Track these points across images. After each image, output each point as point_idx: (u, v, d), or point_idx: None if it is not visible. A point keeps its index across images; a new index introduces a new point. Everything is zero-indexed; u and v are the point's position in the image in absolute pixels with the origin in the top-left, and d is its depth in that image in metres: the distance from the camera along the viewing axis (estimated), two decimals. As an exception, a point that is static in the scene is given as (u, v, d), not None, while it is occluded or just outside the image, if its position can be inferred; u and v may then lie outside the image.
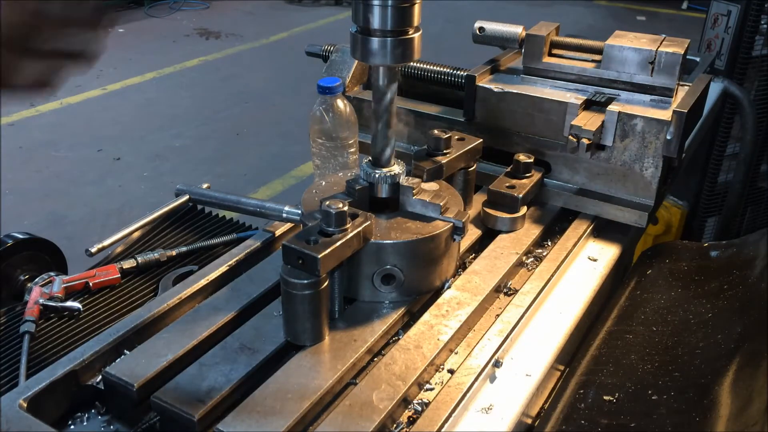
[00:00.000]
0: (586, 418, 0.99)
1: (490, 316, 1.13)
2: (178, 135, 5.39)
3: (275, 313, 1.06)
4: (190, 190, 1.61)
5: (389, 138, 1.10)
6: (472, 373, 0.98)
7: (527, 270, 1.26)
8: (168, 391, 0.92)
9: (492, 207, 1.31)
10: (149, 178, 4.77)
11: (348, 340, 1.01)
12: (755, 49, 2.64)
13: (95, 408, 0.97)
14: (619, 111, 1.30)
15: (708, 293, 1.29)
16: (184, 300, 1.13)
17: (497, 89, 1.42)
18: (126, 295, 1.50)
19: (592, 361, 1.12)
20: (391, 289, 1.08)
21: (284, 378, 0.93)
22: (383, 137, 1.10)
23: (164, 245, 1.66)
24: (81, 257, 1.56)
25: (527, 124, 1.42)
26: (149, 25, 8.14)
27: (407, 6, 0.97)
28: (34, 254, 1.60)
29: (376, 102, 1.08)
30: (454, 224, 1.09)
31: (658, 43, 1.36)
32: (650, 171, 1.32)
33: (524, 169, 1.35)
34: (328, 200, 0.99)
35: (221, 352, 0.98)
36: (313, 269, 0.93)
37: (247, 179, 4.75)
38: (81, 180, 4.68)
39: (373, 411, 0.89)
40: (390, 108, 1.07)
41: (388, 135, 1.10)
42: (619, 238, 1.39)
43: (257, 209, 1.18)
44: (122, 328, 1.04)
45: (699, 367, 1.09)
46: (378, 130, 1.09)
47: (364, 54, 1.01)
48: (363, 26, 0.99)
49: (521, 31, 1.48)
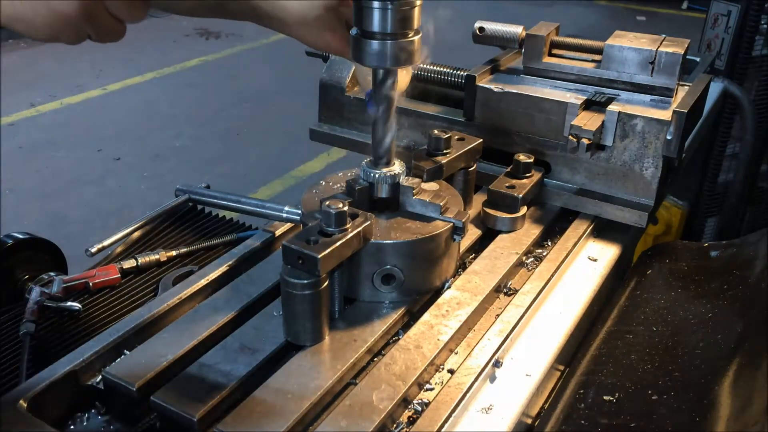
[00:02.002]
0: (586, 418, 0.99)
1: (490, 316, 1.13)
2: (178, 135, 5.39)
3: (275, 313, 1.06)
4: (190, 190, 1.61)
5: (389, 138, 1.10)
6: (472, 373, 0.98)
7: (527, 270, 1.26)
8: (168, 391, 0.92)
9: (492, 207, 1.31)
10: (149, 178, 4.77)
11: (348, 340, 1.01)
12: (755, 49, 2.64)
13: (95, 408, 0.97)
14: (619, 111, 1.30)
15: (708, 293, 1.29)
16: (184, 300, 1.13)
17: (497, 89, 1.43)
18: (126, 295, 1.50)
19: (592, 361, 1.12)
20: (391, 289, 1.08)
21: (284, 378, 0.93)
22: (383, 137, 1.10)
23: (164, 245, 1.66)
24: (81, 257, 1.56)
25: (527, 124, 1.42)
26: (149, 25, 8.12)
27: (407, 9, 0.97)
28: (34, 254, 1.60)
29: (377, 102, 1.08)
30: (454, 224, 1.09)
31: (658, 43, 1.36)
32: (650, 171, 1.32)
33: (524, 169, 1.35)
34: (328, 200, 1.00)
35: (221, 352, 0.98)
36: (313, 269, 0.93)
37: (247, 179, 4.75)
38: (81, 180, 4.69)
39: (373, 411, 0.89)
40: (390, 108, 1.07)
41: (388, 135, 1.10)
42: (619, 238, 1.39)
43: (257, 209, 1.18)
44: (122, 328, 1.04)
45: (699, 367, 1.09)
46: (378, 130, 1.09)
47: (363, 57, 1.01)
48: (362, 29, 0.99)
49: (521, 31, 1.48)
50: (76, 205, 4.37)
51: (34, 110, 5.75)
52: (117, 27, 0.85)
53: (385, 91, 1.06)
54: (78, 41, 0.84)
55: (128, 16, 0.84)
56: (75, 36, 0.82)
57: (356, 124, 1.61)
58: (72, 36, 0.82)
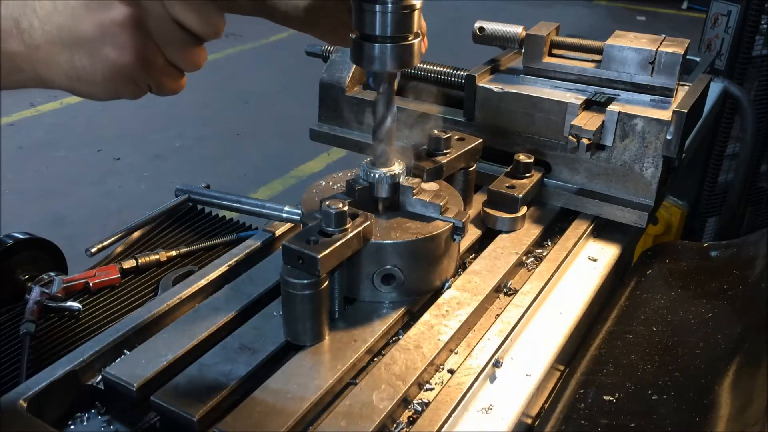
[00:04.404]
0: (586, 418, 0.99)
1: (490, 316, 1.13)
2: (178, 135, 5.39)
3: (275, 313, 1.06)
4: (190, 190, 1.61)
5: (389, 138, 1.10)
6: (472, 373, 0.98)
7: (527, 270, 1.26)
8: (168, 391, 0.92)
9: (492, 207, 1.31)
10: (149, 178, 4.77)
11: (348, 340, 1.01)
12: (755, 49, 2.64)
13: (95, 408, 0.97)
14: (619, 111, 1.30)
15: (708, 293, 1.29)
16: (184, 300, 1.13)
17: (497, 89, 1.43)
18: (126, 295, 1.50)
19: (592, 361, 1.12)
20: (391, 289, 1.08)
21: (284, 378, 0.93)
22: (383, 137, 1.10)
23: (164, 245, 1.66)
24: (81, 257, 1.56)
25: (527, 124, 1.42)
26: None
27: (407, 12, 0.97)
28: (34, 254, 1.60)
29: (376, 102, 1.08)
30: (454, 224, 1.09)
31: (658, 43, 1.36)
32: (650, 171, 1.32)
33: (524, 169, 1.35)
34: (328, 200, 1.00)
35: (221, 352, 0.98)
36: (313, 269, 0.93)
37: (247, 179, 4.75)
38: (81, 180, 4.69)
39: (373, 411, 0.89)
40: (390, 108, 1.07)
41: (388, 135, 1.10)
42: (619, 238, 1.39)
43: (257, 209, 1.18)
44: (122, 328, 1.04)
45: (699, 367, 1.09)
46: (378, 130, 1.09)
47: (363, 60, 1.01)
48: (362, 32, 0.99)
49: (521, 31, 1.48)
50: (76, 205, 4.37)
51: (34, 110, 5.75)
52: (176, 75, 0.84)
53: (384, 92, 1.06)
54: (139, 94, 0.82)
55: (187, 64, 0.82)
56: (135, 88, 0.81)
57: (356, 124, 1.61)
58: (133, 88, 0.81)
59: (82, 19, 0.74)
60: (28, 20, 0.74)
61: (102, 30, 0.74)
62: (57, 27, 0.74)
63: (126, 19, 0.74)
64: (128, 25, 0.74)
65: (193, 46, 0.81)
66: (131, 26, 0.75)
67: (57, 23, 0.74)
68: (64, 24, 0.74)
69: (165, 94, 0.85)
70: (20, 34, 0.74)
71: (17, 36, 0.74)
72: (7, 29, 0.73)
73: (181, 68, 0.83)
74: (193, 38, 0.80)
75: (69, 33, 0.74)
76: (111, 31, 0.74)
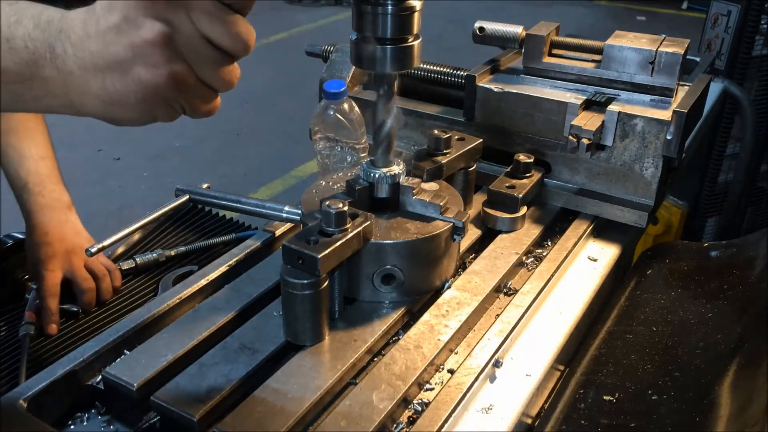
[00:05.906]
0: (586, 418, 0.99)
1: (490, 316, 1.13)
2: (178, 135, 5.39)
3: (275, 313, 1.06)
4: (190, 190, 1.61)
5: (389, 138, 1.10)
6: (472, 373, 0.98)
7: (527, 270, 1.26)
8: (168, 391, 0.92)
9: (492, 207, 1.31)
10: (149, 178, 4.77)
11: (348, 340, 1.01)
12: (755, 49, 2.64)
13: (95, 408, 0.97)
14: (619, 111, 1.30)
15: (708, 293, 1.29)
16: (184, 300, 1.13)
17: (497, 89, 1.43)
18: (126, 295, 1.50)
19: (592, 361, 1.12)
20: (391, 289, 1.08)
21: (284, 378, 0.93)
22: (383, 137, 1.10)
23: (164, 245, 1.66)
24: (81, 257, 1.56)
25: (527, 124, 1.42)
26: (149, 25, 8.12)
27: (407, 14, 0.97)
28: (35, 254, 1.59)
29: (376, 103, 1.08)
30: (454, 224, 1.09)
31: (658, 43, 1.36)
32: (650, 171, 1.32)
33: (524, 169, 1.35)
34: (328, 200, 1.00)
35: (221, 352, 0.98)
36: (313, 269, 0.93)
37: (247, 179, 4.75)
38: (81, 180, 4.68)
39: (373, 411, 0.89)
40: (390, 109, 1.07)
41: (387, 135, 1.10)
42: (619, 238, 1.39)
43: (257, 209, 1.18)
44: (122, 328, 1.04)
45: (699, 367, 1.09)
46: (378, 130, 1.09)
47: (363, 61, 1.01)
48: (362, 34, 0.99)
49: (521, 31, 1.48)
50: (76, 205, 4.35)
51: (34, 110, 5.75)
52: (209, 95, 0.83)
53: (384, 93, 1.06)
54: (174, 116, 0.81)
55: (218, 82, 0.81)
56: (170, 110, 0.79)
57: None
58: (167, 110, 0.79)
59: (114, 43, 0.72)
60: (62, 46, 0.73)
61: (133, 50, 0.72)
62: (89, 53, 0.72)
63: (157, 37, 0.72)
64: (159, 43, 0.73)
65: (224, 64, 0.79)
66: (162, 44, 0.73)
67: (89, 49, 0.72)
68: (96, 50, 0.72)
69: (199, 115, 0.84)
70: (54, 59, 0.73)
71: (51, 61, 0.73)
72: (41, 54, 0.72)
73: (214, 87, 0.82)
74: (223, 55, 0.78)
75: (101, 58, 0.72)
76: (142, 50, 0.72)
